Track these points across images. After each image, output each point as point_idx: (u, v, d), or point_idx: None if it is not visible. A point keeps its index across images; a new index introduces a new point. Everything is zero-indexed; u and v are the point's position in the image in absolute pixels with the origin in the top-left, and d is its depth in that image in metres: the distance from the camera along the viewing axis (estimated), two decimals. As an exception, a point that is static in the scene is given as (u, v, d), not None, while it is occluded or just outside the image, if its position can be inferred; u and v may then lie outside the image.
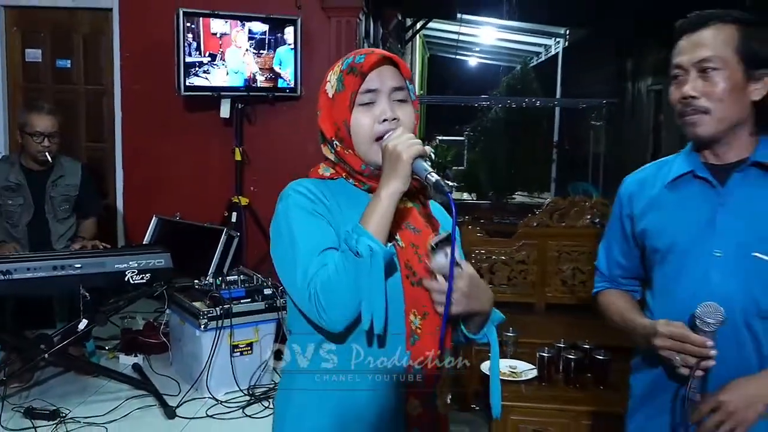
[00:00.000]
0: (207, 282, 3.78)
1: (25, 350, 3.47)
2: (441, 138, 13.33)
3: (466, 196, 11.11)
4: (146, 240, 4.77)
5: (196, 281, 3.80)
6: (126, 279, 3.38)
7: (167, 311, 3.80)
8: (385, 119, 1.29)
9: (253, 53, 4.79)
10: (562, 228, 3.78)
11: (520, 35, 11.58)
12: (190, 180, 5.21)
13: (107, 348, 4.09)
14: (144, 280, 3.42)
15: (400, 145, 1.23)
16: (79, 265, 3.29)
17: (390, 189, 1.23)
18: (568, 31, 10.52)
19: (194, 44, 4.62)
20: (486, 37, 12.01)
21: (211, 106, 4.95)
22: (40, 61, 5.41)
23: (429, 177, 1.24)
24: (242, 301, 3.59)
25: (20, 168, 3.76)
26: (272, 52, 4.84)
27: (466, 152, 11.97)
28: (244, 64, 4.77)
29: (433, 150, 11.90)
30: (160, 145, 5.23)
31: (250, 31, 4.77)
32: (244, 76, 4.79)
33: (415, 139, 1.25)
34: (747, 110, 1.47)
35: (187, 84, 4.63)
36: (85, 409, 3.32)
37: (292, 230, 1.26)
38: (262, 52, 4.82)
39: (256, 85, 4.84)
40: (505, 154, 10.23)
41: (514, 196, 10.25)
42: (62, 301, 3.74)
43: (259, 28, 4.79)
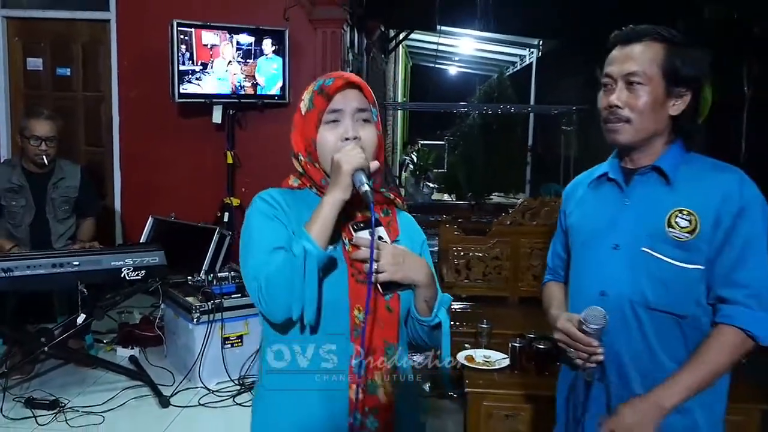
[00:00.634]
0: (200, 278, 3.79)
1: (27, 343, 3.46)
2: (423, 142, 13.36)
3: (446, 196, 11.16)
4: (143, 239, 4.76)
5: (190, 277, 3.81)
6: (122, 275, 3.38)
7: (162, 306, 3.79)
8: (347, 138, 1.34)
9: (240, 62, 4.81)
10: (533, 226, 3.81)
11: (497, 46, 11.60)
12: (185, 182, 5.20)
13: (105, 341, 4.09)
14: (139, 277, 3.42)
15: (343, 158, 1.28)
16: (78, 263, 3.28)
17: (332, 197, 1.29)
18: (541, 42, 10.56)
19: (187, 54, 4.63)
20: (465, 48, 12.03)
21: (203, 112, 4.95)
22: (41, 69, 5.38)
23: (361, 187, 1.28)
24: (233, 296, 3.60)
25: (22, 170, 3.74)
26: (255, 62, 4.86)
27: (446, 156, 12.01)
28: (228, 72, 4.79)
29: (412, 157, 11.95)
30: (156, 149, 5.22)
31: (238, 43, 4.80)
32: (229, 84, 4.80)
33: (361, 154, 1.29)
34: (665, 123, 1.50)
35: (181, 91, 4.63)
36: (84, 399, 3.32)
37: (251, 231, 1.35)
38: (248, 61, 4.84)
39: (243, 92, 4.85)
40: (483, 157, 10.25)
41: (491, 197, 10.28)
42: (62, 297, 3.72)
43: (246, 39, 4.82)
